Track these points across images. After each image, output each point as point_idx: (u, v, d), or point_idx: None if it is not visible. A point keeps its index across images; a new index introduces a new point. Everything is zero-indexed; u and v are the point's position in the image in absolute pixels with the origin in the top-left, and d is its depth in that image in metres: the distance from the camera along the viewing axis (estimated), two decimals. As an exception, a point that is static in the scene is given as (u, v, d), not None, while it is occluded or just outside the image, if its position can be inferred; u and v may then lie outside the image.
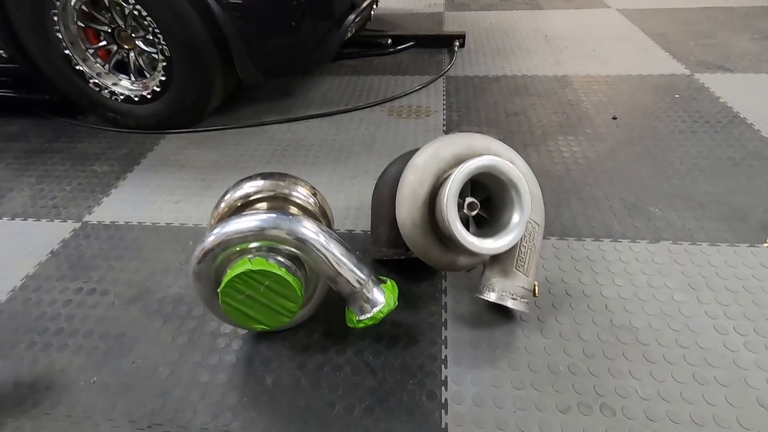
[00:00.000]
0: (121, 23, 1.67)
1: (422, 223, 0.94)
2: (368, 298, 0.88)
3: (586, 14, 2.97)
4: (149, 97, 1.75)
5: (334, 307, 1.04)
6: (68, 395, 0.92)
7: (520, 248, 0.96)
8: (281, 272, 0.81)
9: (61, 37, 1.67)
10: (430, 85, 2.12)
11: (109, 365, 0.98)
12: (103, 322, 1.07)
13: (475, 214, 0.92)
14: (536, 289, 0.99)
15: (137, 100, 1.77)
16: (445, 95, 2.03)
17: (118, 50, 1.74)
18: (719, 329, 0.99)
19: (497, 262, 0.97)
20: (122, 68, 1.79)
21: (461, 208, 0.91)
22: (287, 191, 1.01)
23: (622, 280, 1.12)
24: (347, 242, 0.88)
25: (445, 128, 1.78)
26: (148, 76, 1.76)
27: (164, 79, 1.69)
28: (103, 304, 1.12)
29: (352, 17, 1.89)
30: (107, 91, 1.77)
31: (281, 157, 1.66)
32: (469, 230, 0.90)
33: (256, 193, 1.00)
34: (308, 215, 0.99)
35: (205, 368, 0.96)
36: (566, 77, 2.15)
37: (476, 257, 1.01)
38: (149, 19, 1.56)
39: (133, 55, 1.74)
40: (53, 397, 0.92)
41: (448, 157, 0.94)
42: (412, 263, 1.14)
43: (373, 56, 2.47)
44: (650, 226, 1.28)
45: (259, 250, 0.85)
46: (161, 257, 1.24)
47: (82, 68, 1.74)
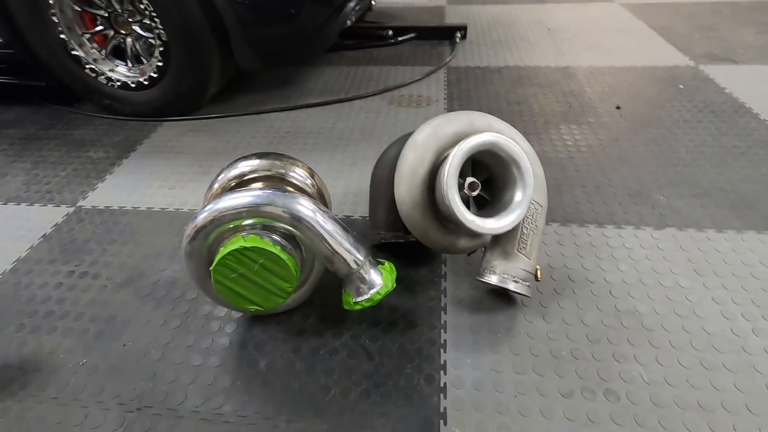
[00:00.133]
0: (118, 7, 1.64)
1: (422, 202, 0.91)
2: (365, 279, 0.86)
3: (589, 8, 2.95)
4: (146, 83, 1.73)
5: (330, 290, 1.01)
6: (56, 377, 0.90)
7: (522, 230, 0.93)
8: (276, 250, 0.79)
9: (57, 21, 1.65)
10: (431, 75, 2.10)
11: (99, 348, 0.95)
12: (94, 305, 1.05)
13: (476, 194, 0.89)
14: (538, 272, 0.96)
15: (134, 86, 1.75)
16: (446, 85, 2.00)
17: (114, 35, 1.72)
18: (726, 315, 0.97)
19: (498, 244, 0.95)
20: (119, 54, 1.77)
21: (462, 188, 0.88)
22: (284, 171, 0.99)
23: (626, 266, 1.09)
24: (344, 222, 0.85)
25: (446, 117, 1.75)
26: (145, 62, 1.74)
27: (161, 65, 1.67)
28: (94, 287, 1.09)
29: (351, 5, 1.87)
30: (103, 77, 1.75)
31: (279, 143, 1.63)
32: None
33: (251, 172, 0.97)
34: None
35: (197, 351, 0.93)
36: (569, 68, 2.12)
37: (477, 239, 0.99)
38: (146, 2, 1.54)
39: (129, 40, 1.71)
40: (41, 379, 0.89)
41: (448, 134, 0.91)
42: (411, 248, 1.11)
43: (374, 47, 2.44)
44: (655, 212, 1.25)
45: (253, 227, 0.83)
46: (155, 241, 1.22)
47: (78, 53, 1.71)
